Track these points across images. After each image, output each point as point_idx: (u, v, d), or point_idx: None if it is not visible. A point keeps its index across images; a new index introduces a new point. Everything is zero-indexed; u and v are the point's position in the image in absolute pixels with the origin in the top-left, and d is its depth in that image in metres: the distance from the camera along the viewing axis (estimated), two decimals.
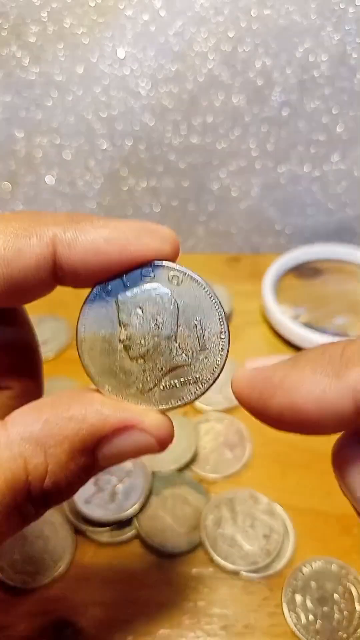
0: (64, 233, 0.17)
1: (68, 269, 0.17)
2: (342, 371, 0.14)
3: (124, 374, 0.18)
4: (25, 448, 0.16)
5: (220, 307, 0.17)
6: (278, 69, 0.47)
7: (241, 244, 0.58)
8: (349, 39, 0.46)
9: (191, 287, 0.18)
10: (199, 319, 0.17)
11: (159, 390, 0.18)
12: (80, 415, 0.16)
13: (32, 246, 0.16)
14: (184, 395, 0.18)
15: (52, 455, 0.16)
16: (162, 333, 0.17)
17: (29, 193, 0.55)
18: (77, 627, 0.28)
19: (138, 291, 0.18)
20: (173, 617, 0.28)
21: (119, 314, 0.18)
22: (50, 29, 0.46)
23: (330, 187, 0.53)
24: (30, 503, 0.16)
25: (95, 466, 0.17)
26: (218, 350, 0.17)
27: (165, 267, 0.18)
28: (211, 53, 0.47)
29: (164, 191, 0.54)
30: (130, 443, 0.17)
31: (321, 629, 0.27)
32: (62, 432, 0.16)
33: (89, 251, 0.17)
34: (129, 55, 0.47)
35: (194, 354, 0.17)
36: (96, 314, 0.18)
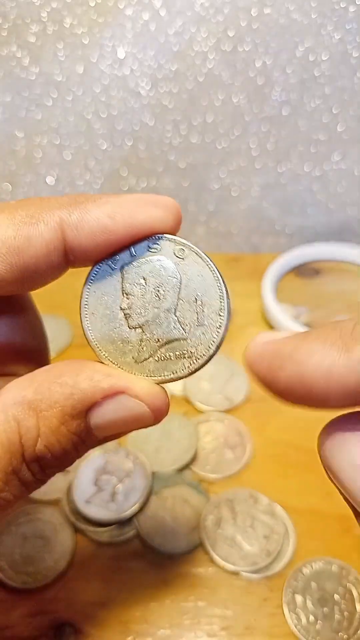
0: (70, 216, 0.17)
1: (78, 250, 0.17)
2: (352, 345, 0.14)
3: (121, 342, 0.18)
4: (18, 412, 0.16)
5: (222, 285, 0.18)
6: (278, 68, 0.47)
7: (241, 244, 0.58)
8: (349, 38, 0.46)
9: (196, 262, 0.18)
10: (200, 295, 0.18)
11: (153, 360, 0.18)
12: (72, 380, 0.17)
13: (41, 233, 0.17)
14: (178, 369, 0.18)
15: (43, 418, 0.16)
16: (163, 305, 0.18)
17: (29, 193, 0.55)
18: (77, 627, 0.28)
19: (143, 262, 0.18)
20: (173, 618, 0.28)
21: (122, 283, 0.18)
22: (50, 29, 0.46)
23: (330, 187, 0.53)
24: (27, 467, 0.17)
25: (90, 434, 0.17)
26: (215, 327, 0.18)
27: (172, 240, 0.18)
28: (211, 52, 0.47)
29: (164, 191, 0.54)
30: (121, 409, 0.17)
31: (322, 629, 0.27)
32: (53, 396, 0.16)
33: (95, 230, 0.17)
34: (129, 55, 0.47)
35: (191, 329, 0.18)
36: (101, 280, 0.18)
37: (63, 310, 0.46)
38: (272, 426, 0.37)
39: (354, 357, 0.14)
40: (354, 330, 0.15)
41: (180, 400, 0.39)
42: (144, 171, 0.53)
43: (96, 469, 0.34)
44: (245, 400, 0.39)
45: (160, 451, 0.35)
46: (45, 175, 0.54)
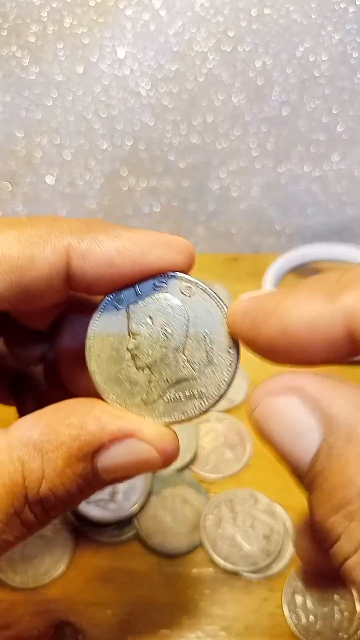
0: (79, 243, 0.17)
1: (81, 278, 0.17)
2: (336, 295, 0.14)
3: (129, 383, 0.17)
4: (23, 452, 0.16)
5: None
6: (278, 68, 0.47)
7: (241, 244, 0.58)
8: (349, 39, 0.46)
9: (203, 299, 0.17)
10: (209, 333, 0.17)
11: (163, 402, 0.17)
12: (79, 421, 0.16)
13: (46, 255, 0.16)
14: (188, 410, 0.17)
15: (48, 460, 0.16)
16: (170, 344, 0.17)
17: (29, 193, 0.55)
18: (77, 627, 0.28)
19: (150, 301, 0.17)
20: (173, 618, 0.28)
21: (129, 323, 0.17)
22: (50, 29, 0.46)
23: (330, 187, 0.53)
24: (29, 509, 0.16)
25: (96, 477, 0.17)
26: (226, 365, 0.17)
27: (179, 278, 0.17)
28: (211, 53, 0.47)
29: (164, 191, 0.54)
30: (129, 453, 0.16)
31: (321, 629, 0.27)
32: (59, 438, 0.16)
33: (102, 262, 0.17)
34: (129, 55, 0.47)
35: (200, 368, 0.17)
36: (107, 320, 0.18)
37: None
38: None
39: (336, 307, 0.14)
40: (339, 280, 0.15)
41: None
42: (144, 171, 0.53)
43: None
44: (245, 400, 0.39)
45: None
46: (45, 175, 0.54)
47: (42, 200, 0.55)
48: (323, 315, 0.14)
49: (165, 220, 0.56)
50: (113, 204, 0.55)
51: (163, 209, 0.55)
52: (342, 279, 0.15)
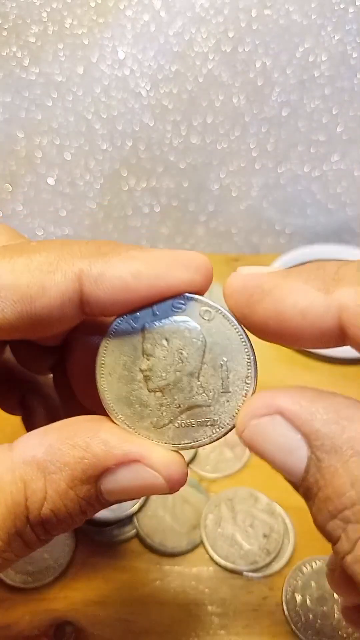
0: (91, 268, 0.16)
1: (95, 304, 0.16)
2: (332, 288, 0.15)
3: (139, 405, 0.17)
4: (25, 472, 0.15)
5: (250, 350, 0.17)
6: (278, 69, 0.47)
7: (241, 244, 0.58)
8: (349, 39, 0.46)
9: (222, 325, 0.17)
10: (226, 360, 0.17)
11: (173, 427, 0.17)
12: (84, 443, 0.16)
13: (57, 283, 0.16)
14: (199, 437, 0.17)
15: (51, 481, 0.15)
16: (186, 368, 0.17)
17: (29, 193, 0.55)
18: (77, 627, 0.28)
19: (166, 322, 0.17)
20: (173, 617, 0.28)
21: (143, 343, 0.17)
22: (50, 29, 0.46)
23: (330, 187, 0.53)
24: (30, 528, 0.16)
25: (99, 499, 0.16)
26: (241, 395, 0.17)
27: (198, 301, 0.17)
28: (211, 53, 0.47)
29: (164, 191, 0.54)
30: (134, 478, 0.16)
31: (321, 628, 0.27)
32: (63, 459, 0.16)
33: (117, 287, 0.16)
34: (129, 55, 0.47)
35: (215, 395, 0.17)
36: (120, 339, 0.17)
37: None
38: None
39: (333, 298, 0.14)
40: (337, 272, 0.15)
41: None
42: (144, 171, 0.53)
43: None
44: None
45: None
46: (46, 176, 0.54)
47: (43, 200, 0.55)
48: (317, 305, 0.15)
49: (165, 220, 0.56)
50: (113, 204, 0.55)
51: (163, 209, 0.55)
52: (340, 272, 0.15)
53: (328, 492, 0.14)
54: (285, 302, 0.15)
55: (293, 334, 0.15)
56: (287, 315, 0.15)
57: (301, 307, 0.15)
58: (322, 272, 0.15)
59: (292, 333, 0.15)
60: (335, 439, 0.14)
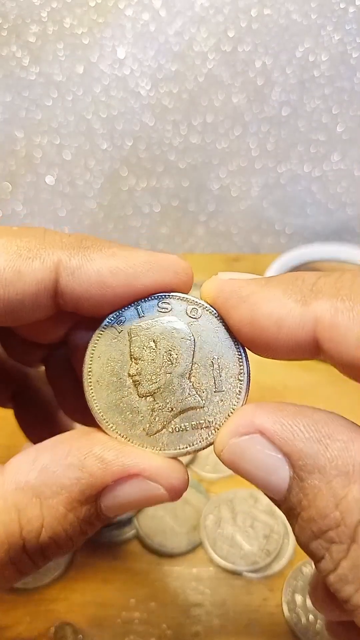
0: (70, 259, 0.16)
1: (69, 296, 0.16)
2: (310, 299, 0.14)
3: (130, 412, 0.16)
4: (19, 499, 0.15)
5: (240, 346, 0.16)
6: (278, 68, 0.47)
7: (241, 244, 0.58)
8: (349, 39, 0.46)
9: (210, 322, 0.16)
10: (217, 358, 0.16)
11: (167, 432, 0.16)
12: (79, 462, 0.15)
13: (34, 270, 0.15)
14: (195, 441, 0.16)
15: (48, 507, 0.15)
16: (176, 370, 0.16)
17: (29, 193, 0.55)
18: (77, 628, 0.28)
19: (153, 323, 0.16)
20: (173, 617, 0.28)
21: (130, 346, 0.16)
22: (50, 29, 0.46)
23: (330, 187, 0.53)
24: (27, 557, 0.15)
25: (99, 517, 0.16)
26: (235, 393, 0.16)
27: (184, 299, 0.16)
28: (211, 53, 0.47)
29: (164, 191, 0.54)
30: (135, 492, 0.15)
31: (321, 629, 0.27)
32: (59, 481, 0.15)
33: (93, 281, 0.16)
34: (129, 55, 0.47)
35: (208, 395, 0.16)
36: (106, 344, 0.16)
37: None
38: None
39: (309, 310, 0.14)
40: (316, 284, 0.15)
41: None
42: (144, 171, 0.53)
43: None
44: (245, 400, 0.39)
45: None
46: (45, 175, 0.54)
47: (42, 200, 0.55)
48: (293, 316, 0.14)
49: (165, 220, 0.56)
50: (113, 204, 0.55)
51: (163, 209, 0.55)
52: (319, 283, 0.15)
53: (311, 513, 0.13)
54: (261, 311, 0.15)
55: (267, 343, 0.15)
56: (262, 324, 0.15)
57: (277, 317, 0.14)
58: (300, 282, 0.15)
59: (266, 342, 0.15)
60: (317, 458, 0.13)
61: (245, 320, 0.15)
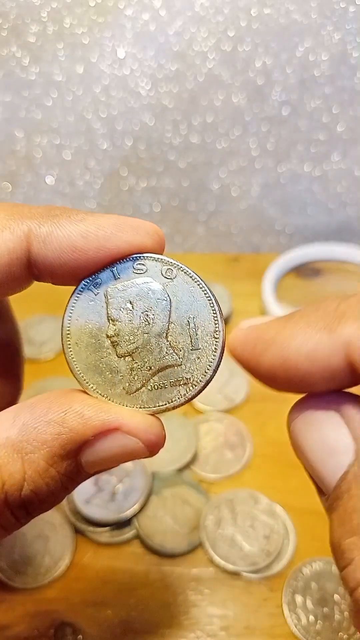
0: (39, 227, 0.16)
1: (43, 265, 0.16)
2: (335, 325, 0.14)
3: (110, 372, 0.17)
4: (1, 455, 0.15)
5: (215, 305, 0.17)
6: (278, 68, 0.47)
7: (241, 244, 0.58)
8: (349, 38, 0.46)
9: (186, 282, 0.17)
10: (193, 317, 0.17)
11: (146, 390, 0.17)
12: (59, 417, 0.15)
13: (5, 240, 0.16)
14: (173, 397, 0.17)
15: (30, 462, 0.15)
16: (153, 330, 0.17)
17: (29, 193, 0.55)
18: (77, 628, 0.28)
19: (129, 284, 0.17)
20: (173, 617, 0.28)
21: (107, 308, 0.17)
22: (50, 29, 0.46)
23: (330, 187, 0.53)
24: (10, 512, 0.16)
25: (80, 472, 0.16)
26: (211, 350, 0.16)
27: (158, 260, 0.17)
28: (211, 52, 0.47)
29: (164, 191, 0.54)
30: (115, 447, 0.16)
31: (322, 629, 0.27)
32: (40, 437, 0.15)
33: (65, 247, 0.16)
34: (129, 55, 0.47)
35: (185, 354, 0.17)
36: (83, 306, 0.17)
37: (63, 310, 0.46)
38: (272, 426, 0.37)
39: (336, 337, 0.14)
40: (337, 309, 0.14)
41: None
42: (144, 171, 0.53)
43: None
44: (245, 400, 0.39)
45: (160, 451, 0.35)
46: (45, 175, 0.54)
47: (42, 200, 0.55)
48: (322, 346, 0.14)
49: (165, 219, 0.56)
50: (113, 204, 0.55)
51: (163, 208, 0.55)
52: (341, 308, 0.14)
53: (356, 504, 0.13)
54: (289, 348, 0.14)
55: (303, 380, 0.15)
56: (294, 361, 0.14)
57: (306, 350, 0.14)
58: (322, 311, 0.15)
59: (302, 379, 0.15)
60: None
61: (276, 362, 0.15)
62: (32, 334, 0.44)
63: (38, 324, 0.46)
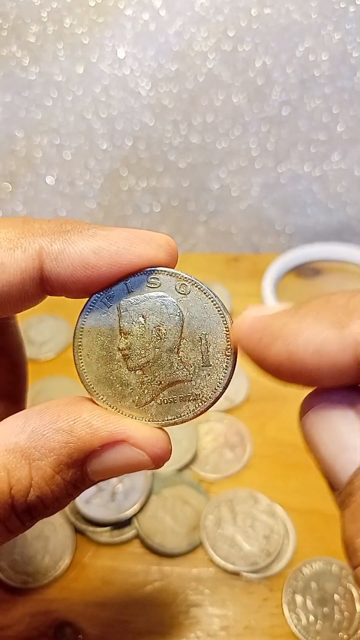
0: (51, 245, 0.16)
1: (56, 282, 0.16)
2: (346, 322, 0.14)
3: (120, 385, 0.17)
4: (9, 460, 0.15)
5: (228, 322, 0.17)
6: (278, 68, 0.47)
7: (241, 244, 0.58)
8: (349, 38, 0.46)
9: (199, 298, 0.17)
10: (205, 333, 0.17)
11: (155, 404, 0.17)
12: (68, 426, 0.15)
13: (17, 260, 0.16)
14: (182, 412, 0.17)
15: (37, 468, 0.15)
16: (164, 345, 0.17)
17: (29, 193, 0.55)
18: (77, 627, 0.28)
19: (142, 298, 0.17)
20: (173, 617, 0.28)
21: (120, 321, 0.17)
22: (50, 29, 0.46)
23: (330, 187, 0.53)
24: (15, 516, 0.16)
25: (85, 480, 0.16)
26: (222, 367, 0.17)
27: (173, 275, 0.17)
28: (211, 52, 0.47)
29: (164, 191, 0.54)
30: (121, 458, 0.16)
31: (322, 629, 0.27)
32: (48, 444, 0.15)
33: (77, 264, 0.16)
34: (129, 55, 0.47)
35: (195, 370, 0.17)
36: (96, 319, 0.17)
37: (63, 310, 0.46)
38: (272, 426, 0.37)
39: (346, 334, 0.14)
40: (348, 304, 0.14)
41: None
42: (144, 171, 0.53)
43: None
44: (245, 400, 0.39)
45: None
46: (45, 175, 0.54)
47: (42, 200, 0.55)
48: (331, 342, 0.14)
49: (165, 220, 0.56)
50: (113, 204, 0.55)
51: (163, 209, 0.55)
52: (351, 303, 0.14)
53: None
54: (296, 343, 0.14)
55: (310, 374, 0.14)
56: (301, 355, 0.14)
57: (314, 345, 0.14)
58: (331, 306, 0.14)
59: (309, 373, 0.14)
60: None
61: (283, 356, 0.15)
62: (32, 334, 0.44)
63: (38, 324, 0.46)
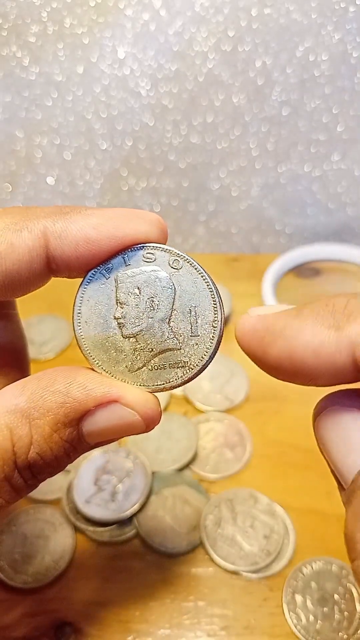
0: (54, 224, 0.17)
1: (61, 259, 0.17)
2: (343, 324, 0.15)
3: (115, 351, 0.18)
4: (10, 420, 0.16)
5: (216, 296, 0.18)
6: (278, 68, 0.47)
7: (241, 244, 0.58)
8: (349, 38, 0.46)
9: (190, 273, 0.18)
10: (194, 306, 0.18)
11: (147, 370, 0.18)
12: (64, 388, 0.17)
13: (24, 239, 0.17)
14: (171, 378, 0.18)
15: (36, 427, 0.17)
16: (157, 315, 0.18)
17: (29, 193, 0.55)
18: (77, 627, 0.28)
19: (138, 272, 0.18)
20: (173, 617, 0.28)
21: (116, 292, 0.18)
22: (50, 29, 0.46)
23: (330, 187, 0.53)
24: (19, 473, 0.17)
25: (81, 441, 0.17)
26: (209, 338, 0.18)
27: (167, 251, 0.18)
28: (211, 52, 0.47)
29: (164, 191, 0.54)
30: (113, 418, 0.17)
31: (321, 629, 0.27)
32: (45, 405, 0.17)
33: (79, 240, 0.17)
34: (129, 55, 0.47)
35: (185, 339, 0.18)
36: (95, 289, 0.18)
37: (63, 310, 0.46)
38: (272, 426, 0.37)
39: (345, 335, 0.14)
40: (347, 307, 0.15)
41: (180, 400, 0.39)
42: (144, 171, 0.53)
43: (96, 468, 0.34)
44: (245, 400, 0.39)
45: (160, 451, 0.35)
46: (45, 175, 0.54)
47: (42, 200, 0.55)
48: (329, 343, 0.15)
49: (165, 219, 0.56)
50: (113, 204, 0.55)
51: (163, 209, 0.55)
52: (349, 306, 0.15)
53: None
54: (297, 343, 0.15)
55: (308, 374, 0.15)
56: (300, 355, 0.15)
57: (313, 346, 0.15)
58: (331, 308, 0.15)
59: (308, 373, 0.15)
60: None
61: (284, 354, 0.15)
62: (32, 334, 0.44)
63: (38, 324, 0.46)
